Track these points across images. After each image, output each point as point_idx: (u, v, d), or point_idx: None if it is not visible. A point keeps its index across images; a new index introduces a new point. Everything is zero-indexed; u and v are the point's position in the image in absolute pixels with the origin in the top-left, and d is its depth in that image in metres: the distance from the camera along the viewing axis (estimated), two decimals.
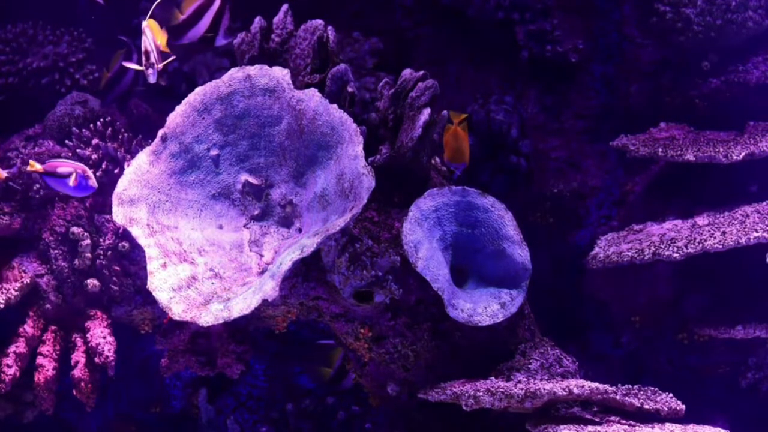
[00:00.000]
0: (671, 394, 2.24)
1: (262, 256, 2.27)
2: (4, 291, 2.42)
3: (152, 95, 2.86)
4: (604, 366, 2.76)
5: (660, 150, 2.60)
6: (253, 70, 2.33)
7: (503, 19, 2.83)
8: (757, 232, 2.34)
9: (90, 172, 2.25)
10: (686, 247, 2.39)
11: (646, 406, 2.14)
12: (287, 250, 2.19)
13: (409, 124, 2.30)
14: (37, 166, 2.24)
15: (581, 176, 2.89)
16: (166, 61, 2.02)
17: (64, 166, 2.25)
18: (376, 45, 2.80)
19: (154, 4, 2.04)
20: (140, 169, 2.29)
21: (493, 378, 2.26)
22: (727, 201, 2.59)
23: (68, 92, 2.72)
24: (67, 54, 2.77)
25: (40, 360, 2.44)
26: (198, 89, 2.34)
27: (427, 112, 2.29)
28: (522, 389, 2.10)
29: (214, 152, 2.33)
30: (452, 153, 2.40)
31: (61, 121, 2.62)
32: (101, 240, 2.49)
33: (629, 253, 2.46)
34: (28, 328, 2.46)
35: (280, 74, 2.31)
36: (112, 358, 2.41)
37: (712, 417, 2.36)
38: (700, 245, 2.38)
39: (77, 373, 2.42)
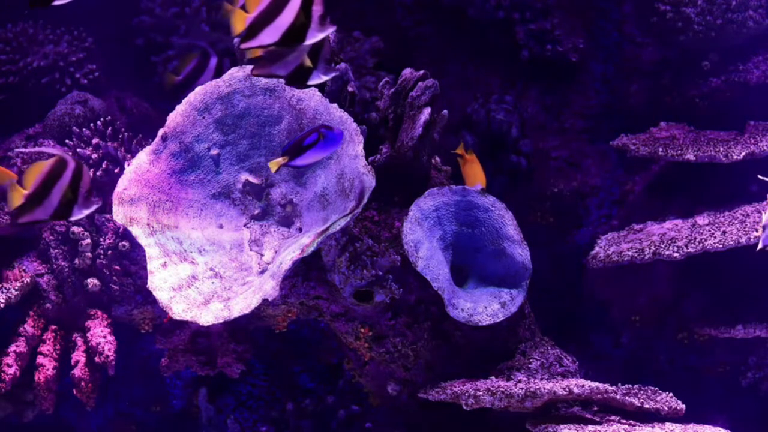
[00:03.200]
0: (671, 394, 2.24)
1: (262, 255, 2.27)
2: (5, 290, 2.42)
3: (153, 95, 2.86)
4: (604, 366, 2.76)
5: (660, 149, 2.60)
6: None
7: (503, 18, 2.83)
8: (757, 231, 2.33)
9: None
10: (686, 246, 2.39)
11: (647, 406, 2.14)
12: (287, 249, 2.19)
13: (409, 124, 2.30)
14: (280, 161, 2.00)
15: (581, 175, 2.89)
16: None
17: (303, 136, 2.01)
18: (376, 44, 2.79)
19: None
20: (140, 169, 2.29)
21: (493, 377, 2.26)
22: (727, 200, 2.59)
23: (68, 91, 2.72)
24: (67, 53, 2.77)
25: (40, 359, 2.44)
26: (198, 88, 2.34)
27: (427, 111, 2.29)
28: (522, 389, 2.10)
29: (214, 151, 2.33)
30: (471, 180, 2.41)
31: (62, 120, 2.62)
32: (101, 239, 2.49)
33: (629, 253, 2.46)
34: (29, 327, 2.46)
35: None
36: (112, 357, 2.41)
37: (712, 417, 2.36)
38: (701, 245, 2.38)
39: (77, 372, 2.41)
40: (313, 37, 1.75)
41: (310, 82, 1.87)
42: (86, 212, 1.83)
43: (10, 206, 1.80)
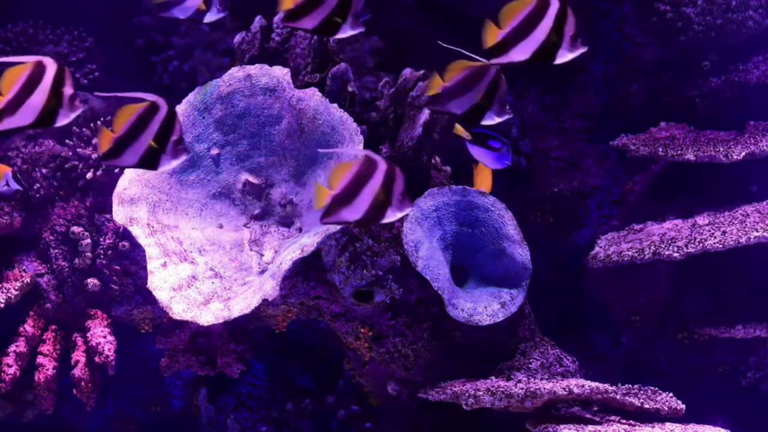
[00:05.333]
0: (671, 394, 2.24)
1: (262, 255, 2.27)
2: (5, 290, 2.42)
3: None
4: (604, 366, 2.76)
5: (660, 149, 2.60)
6: (253, 69, 2.33)
7: None
8: (757, 231, 2.34)
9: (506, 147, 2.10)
10: (686, 246, 2.39)
11: (647, 406, 2.14)
12: (287, 249, 2.19)
13: (409, 124, 2.30)
14: (464, 133, 2.08)
15: (581, 176, 2.89)
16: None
17: (492, 139, 2.10)
18: (376, 44, 2.79)
19: None
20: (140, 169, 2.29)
21: (493, 377, 2.26)
22: (727, 200, 2.59)
23: None
24: (67, 53, 2.77)
25: (40, 359, 2.44)
26: (198, 88, 2.34)
27: (427, 111, 2.29)
28: (522, 389, 2.10)
29: (214, 151, 2.33)
30: (477, 186, 2.42)
31: None
32: (101, 239, 2.49)
33: (629, 253, 2.46)
34: (29, 327, 2.46)
35: (281, 73, 2.31)
36: (112, 357, 2.41)
37: (712, 417, 2.36)
38: (701, 245, 2.37)
39: (77, 372, 2.41)
40: (564, 57, 1.73)
41: (483, 122, 1.88)
42: (399, 215, 1.78)
43: (316, 205, 1.76)
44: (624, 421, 2.14)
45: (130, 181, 2.28)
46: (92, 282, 2.47)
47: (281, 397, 2.63)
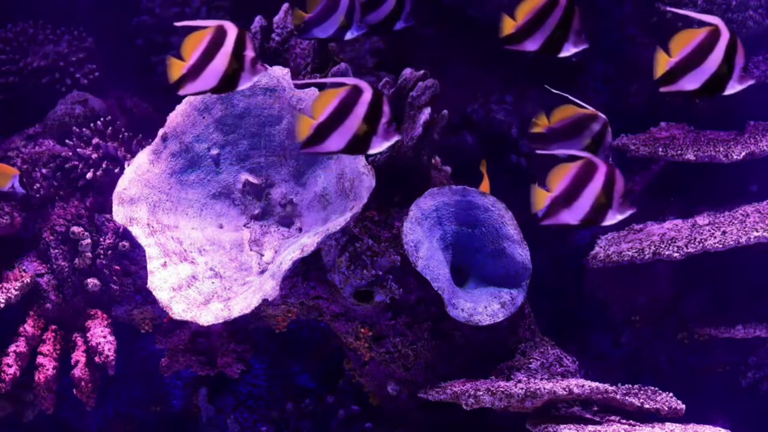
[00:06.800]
0: (671, 394, 2.25)
1: (262, 255, 2.27)
2: (5, 290, 2.42)
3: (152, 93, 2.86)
4: (604, 366, 2.76)
5: (660, 149, 2.60)
6: None
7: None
8: (757, 231, 2.34)
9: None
10: (686, 246, 2.39)
11: (647, 406, 2.14)
12: (287, 249, 2.19)
13: (409, 124, 2.30)
14: None
15: None
16: None
17: None
18: (376, 44, 2.79)
19: None
20: (140, 169, 2.29)
21: (493, 377, 2.26)
22: (727, 200, 2.59)
23: (68, 91, 2.72)
24: (67, 53, 2.77)
25: (40, 359, 2.44)
26: None
27: (427, 111, 2.29)
28: (522, 389, 2.10)
29: (214, 152, 2.33)
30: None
31: (62, 120, 2.62)
32: (101, 239, 2.49)
33: (629, 253, 2.46)
34: (29, 327, 2.46)
35: (281, 73, 2.31)
36: (112, 357, 2.41)
37: (712, 417, 2.36)
38: (701, 245, 2.37)
39: (77, 372, 2.41)
40: (733, 89, 1.75)
41: None
42: (620, 218, 1.75)
43: (534, 207, 1.74)
44: (624, 421, 2.14)
45: (130, 181, 2.28)
46: (92, 282, 2.47)
47: (281, 397, 2.63)
